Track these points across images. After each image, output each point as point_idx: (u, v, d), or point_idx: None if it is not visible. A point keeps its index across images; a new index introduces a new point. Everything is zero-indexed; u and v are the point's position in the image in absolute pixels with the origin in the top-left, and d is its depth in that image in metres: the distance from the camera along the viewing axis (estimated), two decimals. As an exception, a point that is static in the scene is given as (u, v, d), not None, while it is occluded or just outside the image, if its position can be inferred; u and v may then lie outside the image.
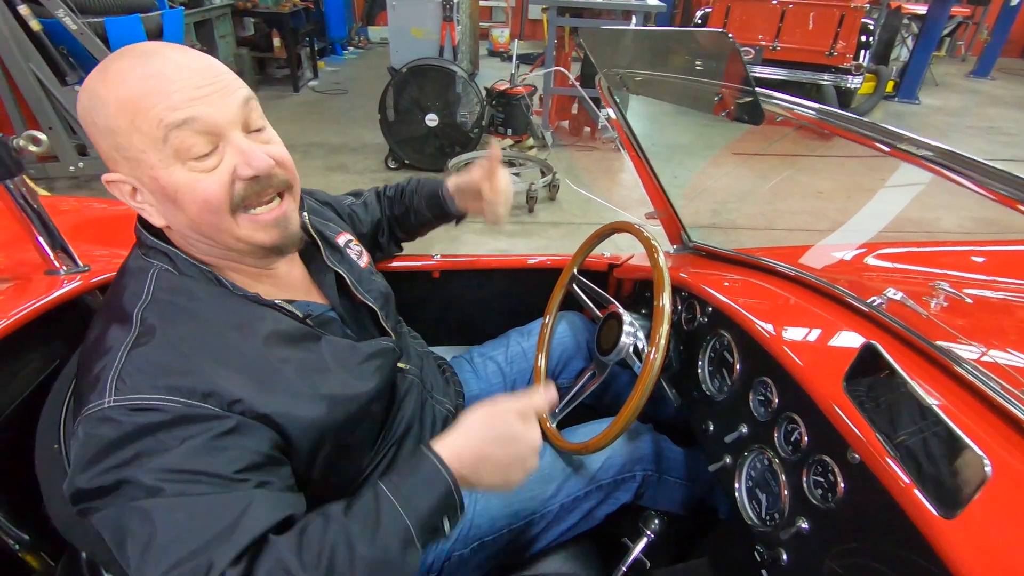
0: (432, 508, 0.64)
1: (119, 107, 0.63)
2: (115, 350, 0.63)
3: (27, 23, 3.16)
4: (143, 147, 0.64)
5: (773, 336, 0.87)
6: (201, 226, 0.69)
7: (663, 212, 1.30)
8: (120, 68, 0.63)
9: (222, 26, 5.16)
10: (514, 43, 4.59)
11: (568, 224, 3.45)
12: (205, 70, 0.65)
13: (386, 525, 0.61)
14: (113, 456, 0.58)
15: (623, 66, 0.94)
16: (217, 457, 0.60)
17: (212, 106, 0.64)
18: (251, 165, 0.66)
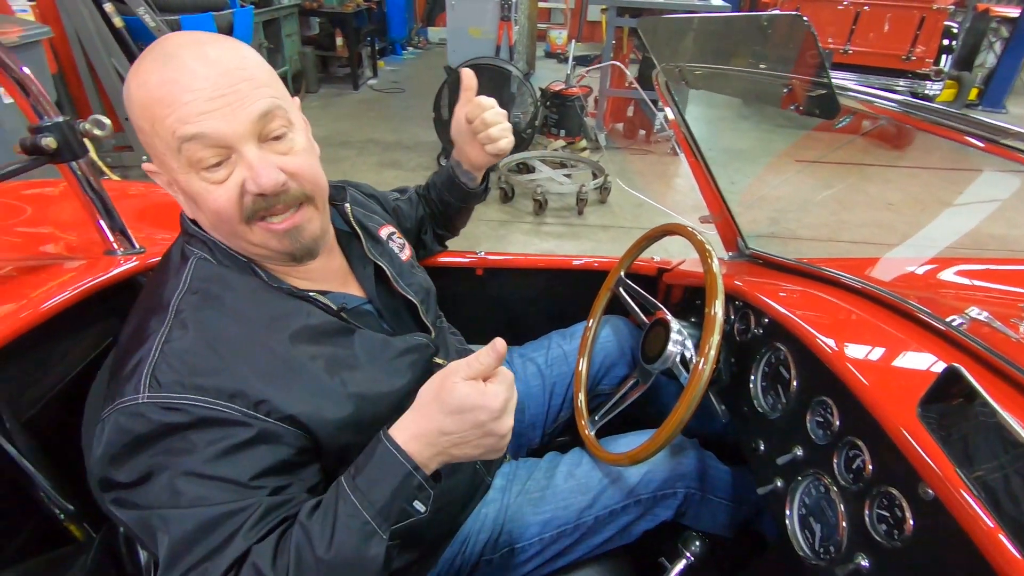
0: (392, 495, 0.61)
1: (141, 109, 0.64)
2: (151, 342, 0.65)
3: (111, 20, 3.36)
4: (163, 151, 0.65)
5: (835, 352, 0.80)
6: (219, 229, 0.71)
7: (719, 216, 1.24)
8: (144, 69, 0.64)
9: (288, 25, 5.33)
10: (571, 44, 4.55)
11: (618, 228, 3.37)
12: (221, 78, 0.63)
13: (343, 522, 0.59)
14: (142, 452, 0.60)
15: (683, 58, 0.89)
16: (236, 464, 0.61)
17: (223, 120, 0.63)
18: (258, 183, 0.65)
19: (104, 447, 0.61)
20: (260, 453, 0.63)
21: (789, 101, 0.68)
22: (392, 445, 0.62)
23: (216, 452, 0.61)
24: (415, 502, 0.62)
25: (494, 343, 0.63)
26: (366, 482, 0.61)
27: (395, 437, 0.63)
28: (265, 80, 0.68)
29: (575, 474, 1.02)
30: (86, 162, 0.95)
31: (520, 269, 1.35)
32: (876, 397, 0.70)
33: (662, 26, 0.90)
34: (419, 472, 0.62)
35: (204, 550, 0.58)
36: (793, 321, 0.88)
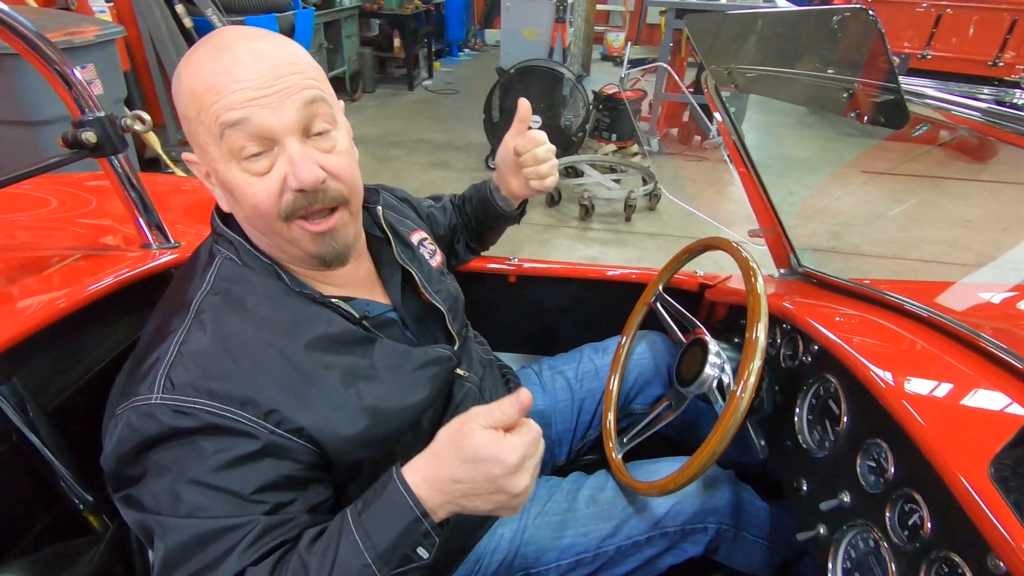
0: (396, 540, 0.58)
1: (190, 97, 0.63)
2: (169, 341, 0.64)
3: (181, 20, 3.52)
4: (206, 139, 0.64)
5: (892, 388, 0.71)
6: (254, 224, 0.69)
7: (770, 231, 1.15)
8: (198, 59, 0.63)
9: (348, 26, 5.46)
10: (627, 47, 4.45)
11: (666, 236, 3.26)
12: (271, 70, 0.63)
13: (343, 560, 0.57)
14: (150, 454, 0.60)
15: (733, 59, 0.82)
16: (239, 476, 0.60)
17: (268, 109, 0.62)
18: (298, 177, 0.63)
19: (115, 444, 0.61)
20: (265, 467, 0.62)
21: (851, 108, 0.61)
22: (403, 486, 0.59)
23: (221, 462, 0.60)
24: (419, 548, 0.59)
25: (519, 394, 0.59)
26: (372, 521, 0.59)
27: (407, 478, 0.60)
28: (313, 76, 0.67)
29: (598, 499, 0.96)
30: (126, 157, 0.97)
31: (554, 278, 1.30)
32: (939, 446, 0.61)
33: (710, 24, 0.84)
34: (427, 519, 0.59)
35: (198, 564, 0.57)
36: (845, 350, 0.80)
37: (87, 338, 0.89)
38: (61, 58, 0.86)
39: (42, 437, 0.78)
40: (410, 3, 6.09)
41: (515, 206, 1.11)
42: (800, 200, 3.55)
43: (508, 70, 3.78)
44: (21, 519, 0.79)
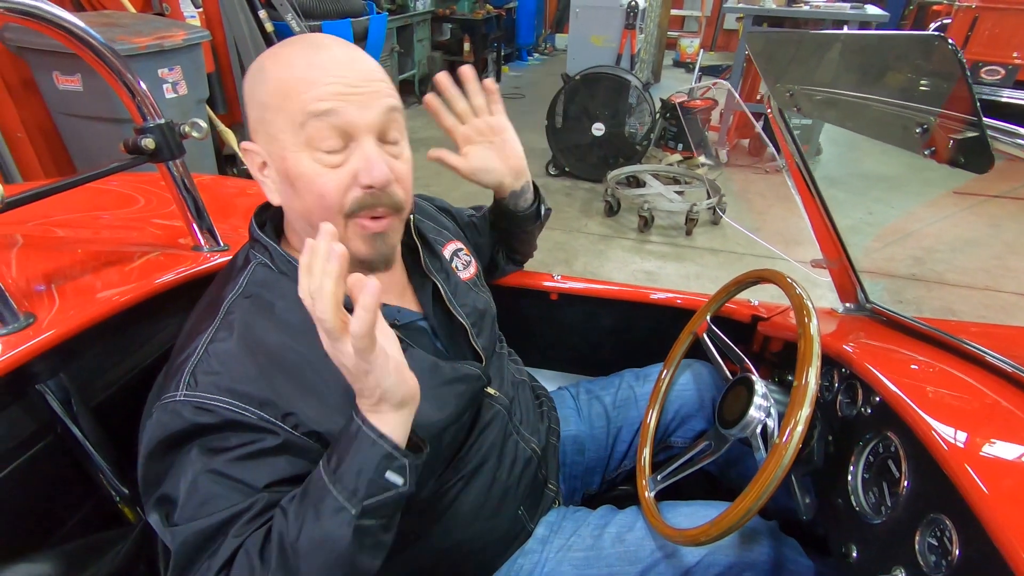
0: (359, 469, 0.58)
1: (277, 86, 0.66)
2: (198, 341, 0.67)
3: (263, 25, 3.70)
4: (283, 127, 0.66)
5: (957, 452, 0.63)
6: (311, 216, 0.69)
7: (835, 261, 1.06)
8: (291, 52, 0.67)
9: (421, 31, 5.58)
10: (700, 54, 4.31)
11: (728, 253, 3.12)
12: (362, 73, 0.67)
13: (312, 499, 0.58)
14: (173, 450, 0.62)
15: (796, 80, 0.75)
16: (254, 469, 0.62)
17: (355, 106, 0.65)
18: (371, 174, 0.66)
19: (146, 442, 0.63)
20: (280, 463, 0.64)
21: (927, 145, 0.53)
22: (358, 418, 0.59)
23: (241, 455, 0.62)
24: (388, 473, 0.58)
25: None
26: (336, 459, 0.59)
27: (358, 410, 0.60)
28: (394, 90, 0.71)
29: (625, 539, 0.91)
30: (182, 162, 1.01)
31: (596, 298, 1.25)
32: (1014, 536, 0.53)
33: (772, 43, 0.77)
34: (385, 441, 0.58)
35: (208, 552, 0.60)
36: (906, 404, 0.71)
37: (133, 337, 0.93)
38: (127, 68, 0.90)
39: (84, 431, 0.81)
40: (482, 8, 6.16)
41: (526, 202, 1.05)
42: (880, 222, 3.30)
43: (573, 77, 3.73)
44: (61, 507, 0.83)
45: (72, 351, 0.81)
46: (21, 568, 0.67)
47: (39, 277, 0.88)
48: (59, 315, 0.80)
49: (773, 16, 3.97)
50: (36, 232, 1.07)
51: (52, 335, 0.76)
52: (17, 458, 0.77)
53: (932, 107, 0.51)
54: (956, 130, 0.49)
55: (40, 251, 1.00)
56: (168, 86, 2.74)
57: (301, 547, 0.57)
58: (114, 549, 0.75)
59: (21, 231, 1.05)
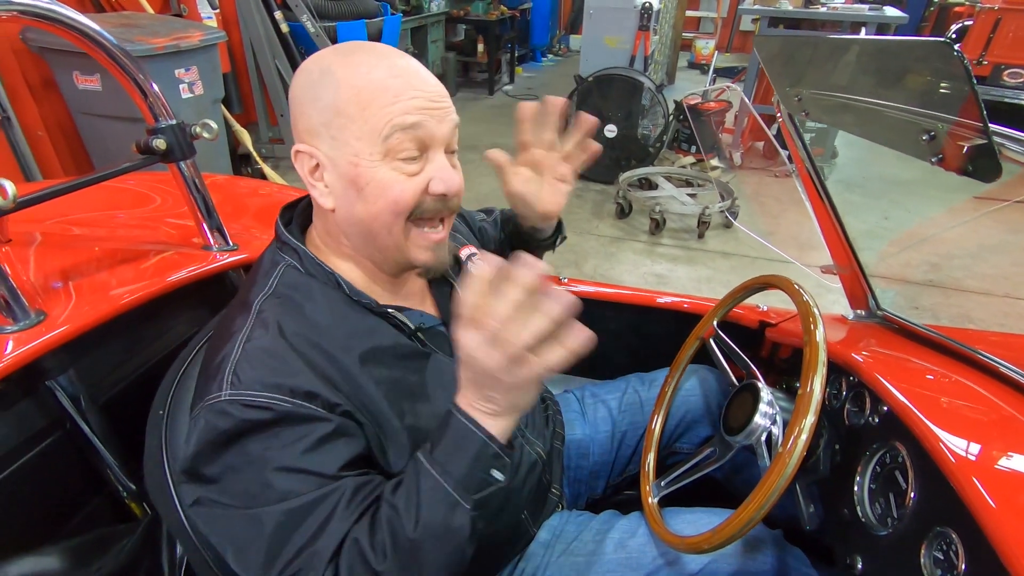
0: (470, 467, 0.60)
1: (355, 93, 0.66)
2: (234, 340, 0.67)
3: (279, 26, 3.73)
4: (360, 135, 0.66)
5: (965, 464, 0.62)
6: (374, 222, 0.70)
7: (845, 268, 1.04)
8: (365, 60, 0.67)
9: (435, 31, 5.60)
10: (715, 55, 4.28)
11: (740, 257, 3.09)
12: (436, 88, 0.69)
13: (427, 495, 0.60)
14: (229, 450, 0.62)
15: (806, 85, 0.74)
16: (321, 457, 0.62)
17: (435, 120, 0.68)
18: (447, 183, 0.69)
19: (195, 445, 0.63)
20: (341, 446, 0.65)
21: (933, 152, 0.52)
22: (464, 417, 0.61)
23: (303, 448, 0.62)
24: (492, 471, 0.61)
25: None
26: (443, 455, 0.61)
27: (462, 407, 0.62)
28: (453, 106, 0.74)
29: (627, 545, 0.90)
30: (193, 162, 1.02)
31: (604, 301, 1.25)
32: (1022, 553, 0.52)
33: (781, 47, 0.76)
34: (494, 442, 0.61)
35: (303, 538, 0.59)
36: (914, 415, 0.70)
37: (142, 335, 0.94)
38: (139, 69, 0.92)
39: (93, 427, 0.83)
40: (496, 9, 6.16)
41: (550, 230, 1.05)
42: (896, 226, 3.25)
43: (586, 78, 3.72)
44: (70, 501, 0.85)
45: (82, 348, 0.82)
46: (28, 561, 0.68)
47: (52, 275, 0.90)
48: (70, 313, 0.81)
49: (789, 18, 3.93)
50: (53, 230, 1.09)
51: (62, 332, 0.78)
52: (27, 453, 0.78)
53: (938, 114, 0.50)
54: (963, 138, 0.47)
55: (55, 249, 1.01)
56: (184, 86, 2.78)
57: (420, 539, 0.58)
58: (119, 544, 0.77)
59: (39, 229, 1.07)
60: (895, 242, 3.11)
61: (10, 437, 0.77)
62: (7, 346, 0.73)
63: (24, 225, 1.05)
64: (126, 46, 0.89)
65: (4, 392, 0.75)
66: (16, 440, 0.78)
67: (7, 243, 1.00)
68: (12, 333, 0.75)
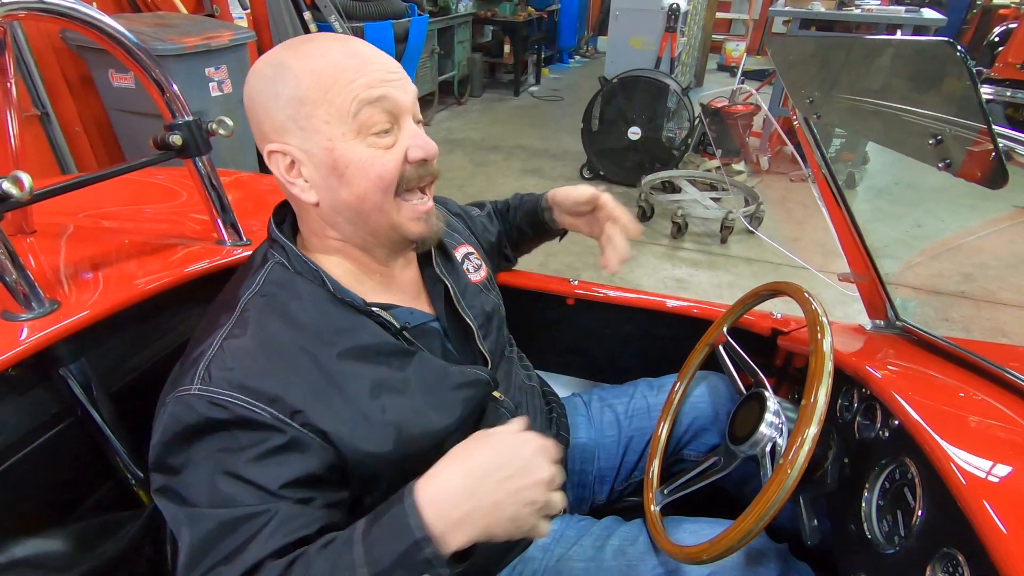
0: (394, 562, 0.54)
1: (315, 78, 0.66)
2: (213, 337, 0.68)
3: (308, 26, 3.80)
4: (328, 118, 0.67)
5: (976, 485, 0.59)
6: (363, 203, 0.71)
7: (863, 276, 1.01)
8: (317, 46, 0.68)
9: (461, 32, 5.62)
10: (743, 58, 4.21)
11: (763, 263, 3.03)
12: (390, 60, 0.71)
13: (343, 571, 0.55)
14: (189, 443, 0.63)
15: (817, 86, 0.71)
16: (267, 469, 0.62)
17: (399, 91, 0.69)
18: (424, 148, 0.71)
19: (160, 432, 0.64)
20: (291, 461, 0.63)
21: (941, 157, 0.50)
22: (410, 506, 0.56)
23: (253, 455, 0.62)
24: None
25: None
26: (376, 537, 0.57)
27: (418, 497, 0.57)
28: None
29: (627, 552, 0.89)
30: (208, 158, 1.04)
31: (613, 304, 1.23)
32: None
33: (792, 47, 0.74)
34: (428, 545, 0.55)
35: (220, 554, 0.59)
36: (925, 431, 0.67)
37: (153, 326, 0.97)
38: (156, 66, 0.94)
39: (103, 415, 0.85)
40: (523, 10, 6.16)
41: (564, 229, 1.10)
42: (929, 235, 3.15)
43: (611, 80, 3.70)
44: (79, 487, 0.87)
45: (94, 338, 0.85)
46: (34, 543, 0.70)
47: (68, 265, 0.93)
48: (83, 302, 0.84)
49: (822, 20, 3.84)
50: (79, 222, 1.12)
51: (74, 321, 0.80)
52: (39, 438, 0.81)
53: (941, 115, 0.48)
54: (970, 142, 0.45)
55: (75, 241, 1.04)
56: (214, 84, 2.84)
57: None
58: (123, 530, 0.78)
59: (66, 220, 1.10)
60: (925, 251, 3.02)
61: (23, 422, 0.79)
62: (21, 333, 0.76)
63: (55, 217, 1.09)
64: (158, 45, 0.91)
65: (18, 378, 0.78)
66: (29, 425, 0.80)
67: (32, 234, 1.04)
68: (26, 321, 0.77)
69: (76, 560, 0.71)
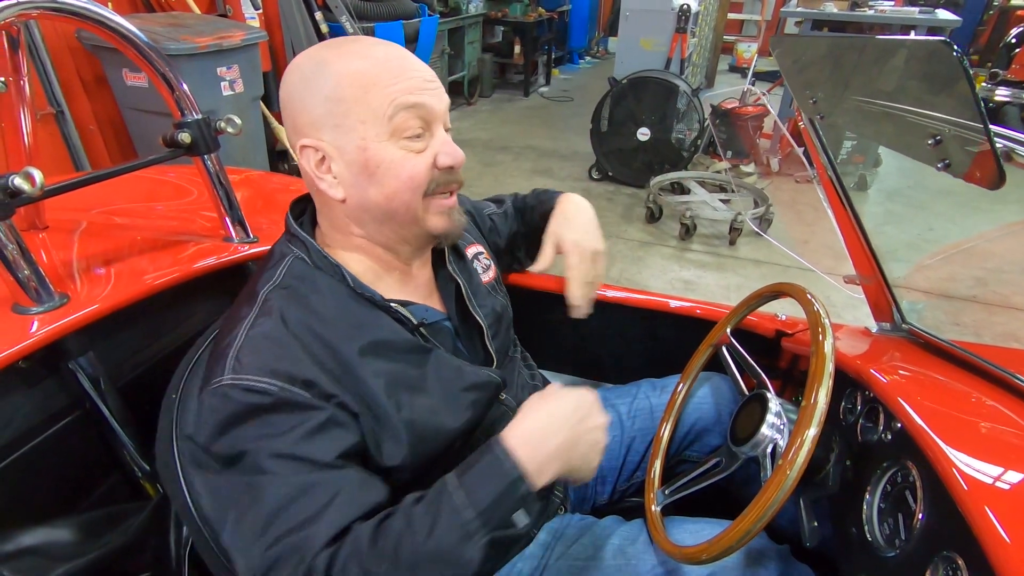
0: (495, 500, 0.60)
1: (354, 78, 0.68)
2: (239, 328, 0.69)
3: (319, 26, 3.82)
4: (364, 118, 0.68)
5: (978, 491, 0.59)
6: (392, 202, 0.72)
7: (868, 278, 1.00)
8: (360, 47, 0.70)
9: (472, 33, 5.64)
10: (755, 59, 4.18)
11: (772, 265, 3.01)
12: (428, 69, 0.73)
13: (445, 517, 0.59)
14: (231, 432, 0.63)
15: (819, 86, 0.71)
16: (317, 444, 0.63)
17: (435, 98, 0.71)
18: (453, 156, 0.72)
19: (201, 426, 0.65)
20: (337, 435, 0.65)
21: (940, 158, 0.50)
22: (502, 449, 0.63)
23: (298, 436, 0.63)
24: (519, 512, 0.61)
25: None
26: (472, 482, 0.62)
27: (506, 440, 0.64)
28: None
29: (627, 552, 0.89)
30: (216, 156, 1.05)
31: (617, 304, 1.23)
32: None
33: (796, 47, 0.73)
34: (523, 484, 0.62)
35: (299, 516, 0.59)
36: (927, 435, 0.67)
37: (160, 322, 0.98)
38: (166, 64, 0.95)
39: (111, 408, 0.86)
40: (534, 11, 6.17)
41: None
42: (941, 238, 3.11)
43: (620, 80, 3.69)
44: (86, 479, 0.89)
45: (103, 331, 0.86)
46: (41, 532, 0.71)
47: (79, 260, 0.94)
48: (91, 297, 0.85)
49: (834, 21, 3.81)
50: (89, 218, 1.14)
51: (84, 315, 0.81)
52: (47, 430, 0.82)
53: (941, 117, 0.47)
54: (968, 142, 0.45)
55: (86, 236, 1.06)
56: (225, 83, 2.87)
57: (424, 554, 0.58)
58: (128, 522, 0.80)
59: (76, 216, 1.12)
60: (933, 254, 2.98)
61: (33, 414, 0.81)
62: (31, 326, 0.77)
63: (64, 212, 1.11)
64: (171, 44, 0.93)
65: (28, 370, 0.79)
66: (38, 417, 0.82)
67: (44, 229, 1.06)
68: (36, 314, 0.79)
69: (82, 550, 0.72)
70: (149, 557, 0.82)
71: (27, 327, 0.77)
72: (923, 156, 0.54)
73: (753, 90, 3.71)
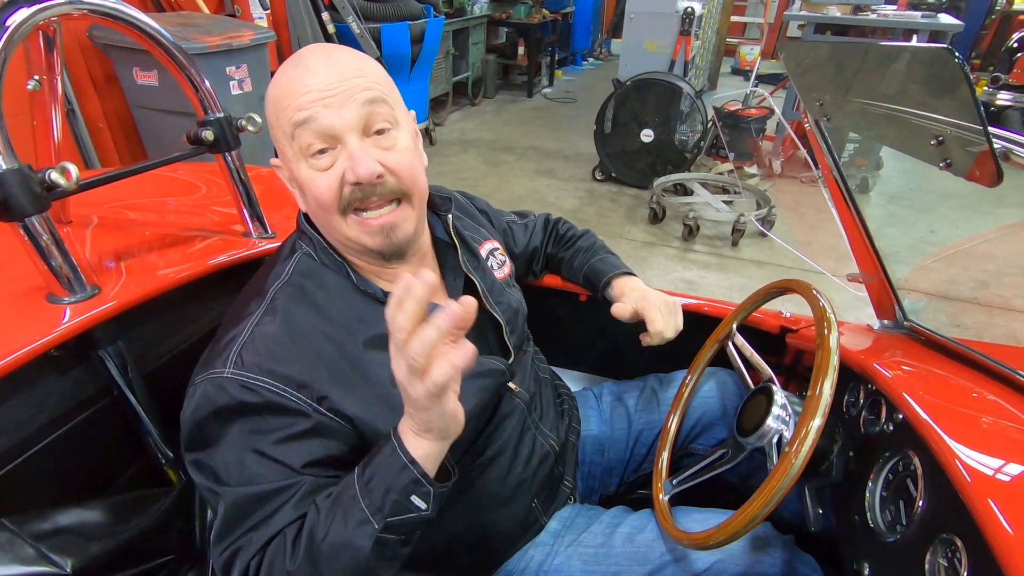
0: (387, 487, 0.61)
1: (271, 104, 0.72)
2: (244, 323, 0.72)
3: (326, 27, 3.85)
4: (282, 139, 0.71)
5: (981, 481, 0.61)
6: (317, 219, 0.75)
7: (871, 276, 1.03)
8: (280, 71, 0.72)
9: (476, 34, 5.66)
10: (758, 61, 4.21)
11: (774, 266, 3.04)
12: (337, 74, 0.68)
13: (344, 508, 0.62)
14: (220, 423, 0.67)
15: (826, 90, 0.74)
16: (292, 450, 0.67)
17: (331, 108, 0.67)
18: (355, 171, 0.68)
19: (193, 409, 0.69)
20: (314, 445, 0.69)
21: (943, 157, 0.52)
22: (394, 437, 0.62)
23: (279, 437, 0.67)
24: (412, 497, 0.61)
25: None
26: (371, 471, 0.63)
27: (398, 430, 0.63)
28: (377, 81, 0.72)
29: (636, 539, 0.92)
30: (237, 154, 1.08)
31: (626, 302, 1.26)
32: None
33: (805, 53, 0.76)
34: (414, 467, 0.61)
35: (251, 522, 0.65)
36: (929, 426, 0.70)
37: (185, 313, 1.01)
38: (192, 65, 0.98)
39: (138, 396, 0.89)
40: (538, 13, 6.20)
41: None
42: (943, 240, 3.14)
43: (624, 82, 3.72)
44: (113, 464, 0.91)
45: (130, 322, 0.89)
46: (75, 513, 0.74)
47: (106, 253, 0.97)
48: (120, 288, 0.88)
49: (837, 24, 3.84)
50: (109, 214, 1.17)
51: (113, 306, 0.84)
52: (77, 416, 0.85)
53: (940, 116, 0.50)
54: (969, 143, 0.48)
55: (110, 230, 1.09)
56: (234, 83, 2.90)
57: (325, 548, 0.61)
58: (156, 505, 0.82)
59: (97, 212, 1.15)
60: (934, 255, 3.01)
61: (64, 400, 0.84)
62: (64, 315, 0.80)
63: (85, 208, 1.14)
64: (182, 44, 0.96)
65: (60, 359, 0.82)
66: (70, 403, 0.84)
67: (68, 224, 1.08)
68: (69, 304, 0.82)
69: (114, 530, 0.75)
70: (175, 540, 0.85)
71: (60, 316, 0.80)
72: (926, 156, 0.57)
73: (758, 92, 3.74)
